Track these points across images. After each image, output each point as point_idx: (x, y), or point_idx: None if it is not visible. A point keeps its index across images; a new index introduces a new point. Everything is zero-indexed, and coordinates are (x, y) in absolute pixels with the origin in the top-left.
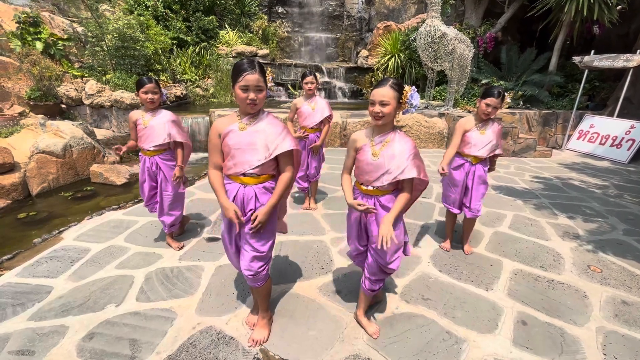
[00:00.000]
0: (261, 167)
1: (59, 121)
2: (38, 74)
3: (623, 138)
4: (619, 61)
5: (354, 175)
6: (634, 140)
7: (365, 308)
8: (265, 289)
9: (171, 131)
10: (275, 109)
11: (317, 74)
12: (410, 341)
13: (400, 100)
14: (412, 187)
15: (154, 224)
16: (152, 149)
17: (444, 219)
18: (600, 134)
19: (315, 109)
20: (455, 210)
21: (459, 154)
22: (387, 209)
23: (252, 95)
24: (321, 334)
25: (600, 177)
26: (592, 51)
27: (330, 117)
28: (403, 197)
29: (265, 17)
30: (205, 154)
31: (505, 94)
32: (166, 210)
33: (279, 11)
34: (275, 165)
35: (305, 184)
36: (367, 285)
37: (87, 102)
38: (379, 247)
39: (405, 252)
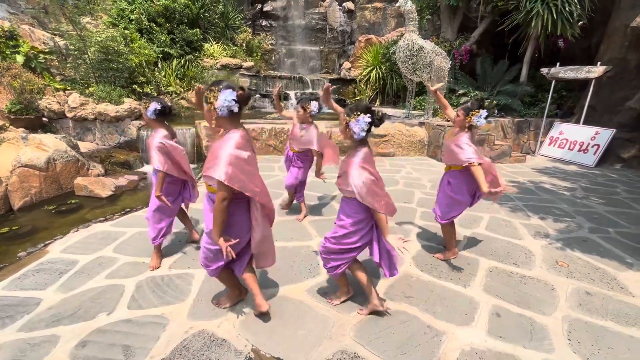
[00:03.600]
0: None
1: (42, 134)
2: (19, 87)
3: (589, 144)
4: (582, 72)
5: None
6: (599, 146)
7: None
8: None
9: (153, 156)
10: (261, 120)
11: (311, 101)
12: (394, 336)
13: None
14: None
15: (142, 235)
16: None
17: (425, 222)
18: (569, 140)
19: (303, 137)
20: None
21: None
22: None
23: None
24: (310, 333)
25: (569, 181)
26: (558, 63)
27: (316, 151)
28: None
29: (250, 30)
30: (193, 165)
31: (480, 110)
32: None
33: (263, 24)
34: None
35: (299, 197)
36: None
37: (70, 115)
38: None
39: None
